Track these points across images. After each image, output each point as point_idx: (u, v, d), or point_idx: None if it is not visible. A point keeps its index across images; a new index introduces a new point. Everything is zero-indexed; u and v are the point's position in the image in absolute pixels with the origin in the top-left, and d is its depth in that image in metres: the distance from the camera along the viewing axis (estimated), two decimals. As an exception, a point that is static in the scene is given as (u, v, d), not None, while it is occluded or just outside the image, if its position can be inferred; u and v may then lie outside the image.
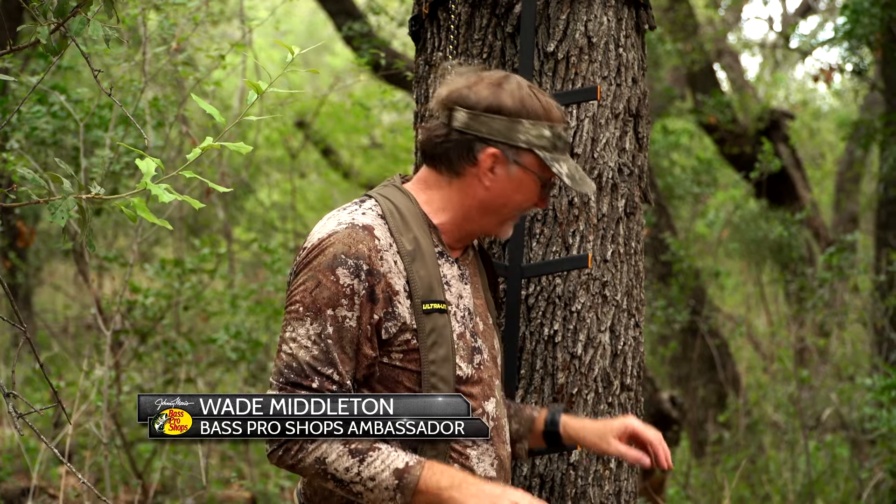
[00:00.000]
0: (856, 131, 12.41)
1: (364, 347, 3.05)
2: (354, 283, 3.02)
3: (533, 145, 3.14)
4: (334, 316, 3.02)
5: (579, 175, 3.21)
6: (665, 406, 10.09)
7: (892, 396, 7.88)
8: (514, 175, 3.15)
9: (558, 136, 3.16)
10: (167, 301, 8.29)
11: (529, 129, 3.14)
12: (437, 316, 3.09)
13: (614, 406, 3.91)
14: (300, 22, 24.32)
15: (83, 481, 3.09)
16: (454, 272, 3.21)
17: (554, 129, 3.16)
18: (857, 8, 9.79)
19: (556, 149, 3.16)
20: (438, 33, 4.01)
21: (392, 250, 3.08)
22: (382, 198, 3.17)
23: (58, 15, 2.64)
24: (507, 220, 3.22)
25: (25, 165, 6.86)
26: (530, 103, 3.15)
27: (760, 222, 13.16)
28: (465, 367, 3.14)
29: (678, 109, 14.70)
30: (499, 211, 3.20)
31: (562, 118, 3.19)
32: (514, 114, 3.14)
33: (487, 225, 3.22)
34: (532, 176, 3.16)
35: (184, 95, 8.10)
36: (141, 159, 2.54)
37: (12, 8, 9.15)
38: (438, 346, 3.08)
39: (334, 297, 3.02)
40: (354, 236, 3.05)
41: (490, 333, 3.29)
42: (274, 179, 16.78)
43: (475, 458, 3.15)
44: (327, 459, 3.01)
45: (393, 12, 11.46)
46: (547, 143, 3.15)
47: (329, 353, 3.03)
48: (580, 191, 3.22)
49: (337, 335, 3.03)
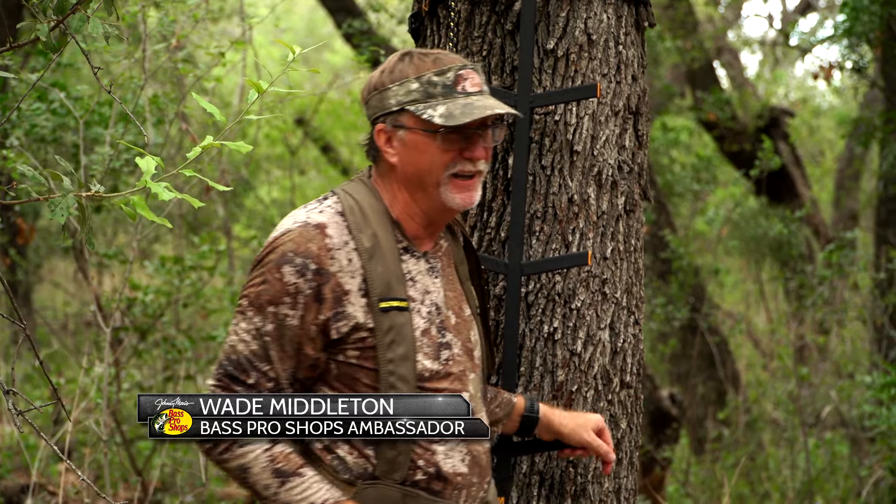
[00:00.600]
0: (855, 129, 12.42)
1: (305, 347, 3.05)
2: (300, 282, 3.03)
3: (402, 103, 3.12)
4: (276, 313, 3.03)
5: (462, 109, 3.10)
6: (665, 403, 10.09)
7: (891, 394, 7.88)
8: (406, 139, 3.14)
9: (429, 82, 3.12)
10: (167, 298, 8.29)
11: (397, 92, 3.13)
12: (395, 314, 3.07)
13: (614, 403, 3.91)
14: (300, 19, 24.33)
15: (83, 478, 3.09)
16: (421, 267, 3.20)
17: (422, 79, 3.13)
18: (857, 5, 9.79)
19: (430, 96, 3.11)
20: (438, 30, 4.01)
21: (347, 248, 3.07)
22: (345, 194, 3.17)
23: (58, 12, 2.64)
24: (438, 185, 3.13)
25: (25, 163, 6.85)
26: (398, 67, 3.16)
27: (760, 220, 13.16)
28: (430, 364, 3.12)
29: (678, 107, 14.70)
30: (421, 180, 3.15)
31: (434, 63, 3.15)
32: (382, 84, 3.16)
33: (426, 199, 3.17)
34: (419, 132, 3.12)
35: (183, 93, 8.10)
36: (141, 157, 2.54)
37: (12, 5, 9.16)
38: (397, 345, 3.06)
39: (278, 294, 3.03)
40: (305, 235, 3.06)
41: (465, 325, 3.26)
42: (274, 176, 16.79)
43: (442, 453, 3.12)
44: (250, 470, 3.03)
45: (392, 9, 11.46)
46: (417, 94, 3.12)
47: (267, 350, 3.04)
48: (463, 122, 3.08)
49: (277, 333, 3.04)
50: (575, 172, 3.83)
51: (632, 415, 3.99)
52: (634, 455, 4.02)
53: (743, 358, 13.28)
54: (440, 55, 3.18)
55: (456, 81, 3.13)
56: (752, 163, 12.38)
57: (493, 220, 3.84)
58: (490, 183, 3.85)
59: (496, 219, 3.84)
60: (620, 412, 3.93)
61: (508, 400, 3.54)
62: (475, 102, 3.11)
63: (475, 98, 3.12)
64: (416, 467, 3.09)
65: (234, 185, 11.92)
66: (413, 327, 3.10)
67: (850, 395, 10.32)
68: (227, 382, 3.06)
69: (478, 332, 3.33)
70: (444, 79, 3.13)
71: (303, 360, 3.06)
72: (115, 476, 8.27)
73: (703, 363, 11.86)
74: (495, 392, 3.54)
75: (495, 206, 3.84)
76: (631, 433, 3.99)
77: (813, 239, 13.77)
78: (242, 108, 10.05)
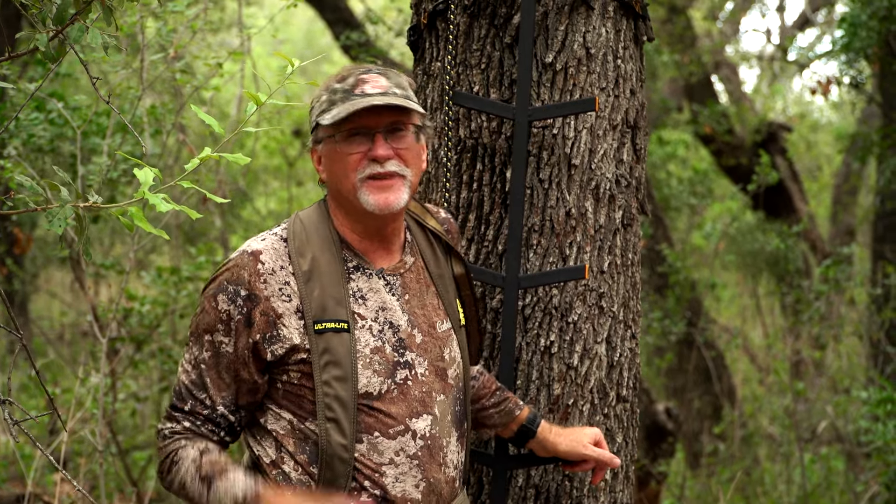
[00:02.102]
0: (853, 144, 12.45)
1: (241, 373, 3.08)
2: (231, 308, 3.06)
3: (315, 119, 3.16)
4: (212, 341, 3.08)
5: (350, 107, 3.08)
6: (661, 417, 10.08)
7: (887, 409, 7.88)
8: (325, 153, 3.17)
9: (332, 91, 3.14)
10: (163, 309, 8.28)
11: (313, 110, 3.18)
12: (331, 335, 3.06)
13: (610, 417, 3.91)
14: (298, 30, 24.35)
15: (78, 488, 3.08)
16: (374, 284, 3.17)
17: (329, 88, 3.15)
18: (855, 21, 9.80)
19: (332, 104, 3.12)
20: (437, 43, 4.01)
21: (283, 272, 3.08)
22: (297, 219, 3.20)
23: (56, 22, 2.64)
24: (355, 190, 3.11)
25: (23, 172, 6.86)
26: (318, 91, 3.19)
27: (757, 234, 13.17)
28: (378, 383, 3.09)
29: (674, 121, 14.71)
30: (341, 188, 3.15)
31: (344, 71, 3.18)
32: (310, 110, 3.21)
33: (352, 208, 3.16)
34: (328, 141, 3.15)
35: (182, 103, 8.10)
36: (138, 167, 2.54)
37: (11, 15, 9.16)
38: (333, 366, 3.05)
39: (212, 322, 3.08)
40: (240, 263, 3.10)
41: (436, 344, 3.22)
42: (271, 188, 16.78)
43: (392, 477, 3.08)
44: (186, 485, 3.08)
45: (391, 22, 11.47)
46: (324, 105, 3.14)
47: (202, 378, 3.09)
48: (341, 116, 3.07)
49: (213, 360, 3.08)
50: (573, 186, 3.83)
51: (628, 429, 3.98)
52: (630, 469, 4.02)
53: (739, 372, 13.26)
54: (354, 67, 3.19)
55: (355, 85, 3.13)
56: (750, 177, 12.39)
57: (491, 233, 3.84)
58: (488, 196, 3.85)
59: (493, 232, 3.84)
60: (616, 426, 3.93)
61: (511, 410, 3.53)
62: (363, 100, 3.09)
63: (371, 97, 3.09)
64: (360, 488, 3.06)
65: (231, 197, 11.93)
66: (359, 346, 3.09)
67: (846, 411, 10.31)
68: (170, 413, 3.13)
69: (456, 348, 3.28)
70: (343, 84, 3.14)
71: (241, 385, 3.09)
72: (110, 486, 8.25)
73: (699, 377, 11.85)
74: (502, 398, 3.53)
75: (493, 219, 3.84)
76: (627, 447, 3.99)
77: (810, 254, 13.77)
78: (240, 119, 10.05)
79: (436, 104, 4.00)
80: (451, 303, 3.31)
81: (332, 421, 3.03)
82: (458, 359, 3.27)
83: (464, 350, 3.31)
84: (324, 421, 3.03)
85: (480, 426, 3.56)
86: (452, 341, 3.26)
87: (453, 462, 3.20)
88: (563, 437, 3.55)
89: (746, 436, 10.99)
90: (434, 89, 4.01)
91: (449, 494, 3.19)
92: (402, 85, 3.18)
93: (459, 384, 3.27)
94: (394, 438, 3.08)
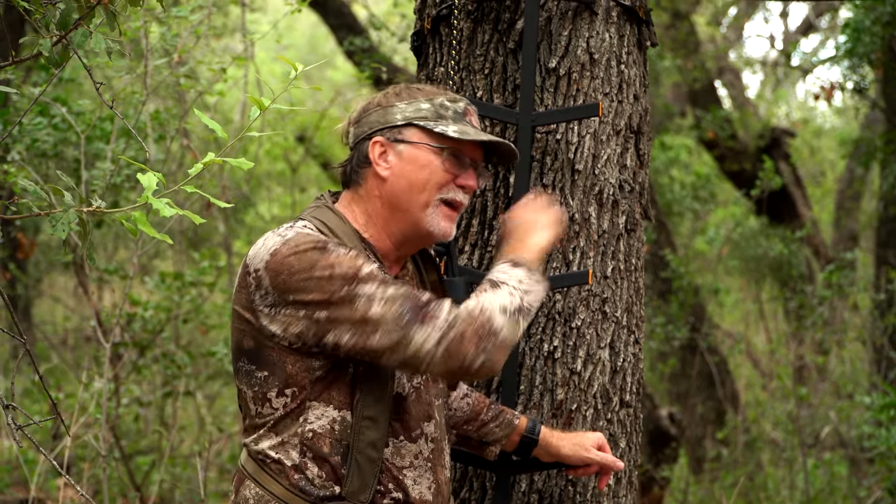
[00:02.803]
0: (856, 149, 12.45)
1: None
2: (341, 248, 2.93)
3: (410, 119, 3.10)
4: (370, 272, 2.91)
5: (475, 133, 3.09)
6: (664, 423, 10.08)
7: (890, 415, 7.88)
8: (404, 153, 3.10)
9: (441, 105, 3.12)
10: (167, 314, 8.29)
11: (405, 109, 3.12)
12: None
13: (613, 422, 3.90)
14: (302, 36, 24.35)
15: (81, 493, 3.08)
16: None
17: (434, 101, 3.12)
18: (859, 26, 9.81)
19: (441, 117, 3.10)
20: (440, 49, 4.01)
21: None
22: (314, 218, 3.08)
23: (60, 27, 2.65)
24: (426, 206, 3.08)
25: (26, 177, 6.87)
26: (405, 92, 3.16)
27: (760, 240, 13.18)
28: (406, 386, 3.08)
29: (677, 126, 14.71)
30: (410, 197, 3.08)
31: (444, 92, 3.16)
32: (387, 102, 3.15)
33: (406, 220, 3.10)
34: (424, 147, 3.09)
35: (185, 108, 8.10)
36: (142, 172, 2.54)
37: (14, 20, 9.16)
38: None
39: (348, 260, 2.91)
40: (302, 232, 2.97)
41: None
42: (274, 193, 16.80)
43: (412, 479, 3.07)
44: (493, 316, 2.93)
45: (394, 27, 11.49)
46: (428, 113, 3.11)
47: (400, 287, 2.93)
48: (480, 139, 3.08)
49: (380, 273, 2.93)
50: (576, 191, 3.83)
51: (631, 434, 3.98)
52: (633, 474, 4.02)
53: (742, 378, 13.26)
54: (448, 92, 3.18)
55: (465, 112, 3.14)
56: (753, 182, 12.40)
57: (494, 239, 3.84)
58: (491, 201, 3.85)
59: (497, 237, 3.84)
60: (620, 431, 3.93)
61: (510, 421, 3.53)
62: (485, 134, 3.13)
63: (491, 135, 3.16)
64: (385, 491, 3.04)
65: (234, 202, 11.93)
66: None
67: (849, 416, 10.31)
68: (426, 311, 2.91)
69: None
70: (455, 106, 3.13)
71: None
72: (113, 491, 8.26)
73: (702, 383, 11.85)
74: (498, 410, 3.53)
75: (496, 224, 3.84)
76: (630, 452, 3.99)
77: (813, 259, 13.77)
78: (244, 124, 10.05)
79: (439, 109, 4.00)
80: None
81: (369, 419, 3.00)
82: None
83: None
84: (360, 418, 3.00)
85: (484, 444, 3.55)
86: None
87: (449, 463, 3.23)
88: (567, 441, 3.54)
89: (749, 441, 10.99)
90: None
91: (447, 494, 3.21)
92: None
93: (444, 390, 3.28)
94: (414, 442, 3.08)
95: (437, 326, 2.87)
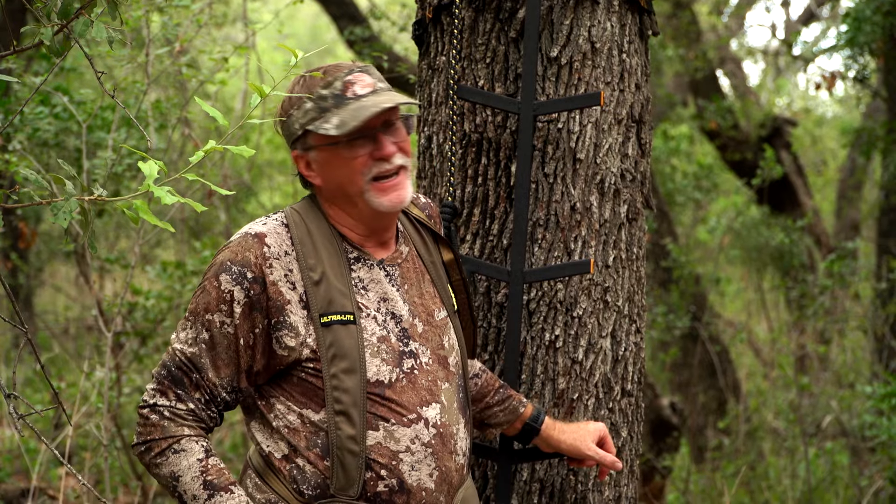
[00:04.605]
0: (858, 139, 12.43)
1: (242, 356, 3.06)
2: (235, 289, 3.03)
3: (303, 125, 3.12)
4: (212, 321, 3.04)
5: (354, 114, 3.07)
6: (665, 412, 10.08)
7: (892, 404, 7.87)
8: (318, 159, 3.15)
9: (320, 97, 3.11)
10: (168, 303, 8.28)
11: (298, 116, 3.14)
12: (337, 328, 3.06)
13: (615, 412, 3.91)
14: (303, 25, 24.34)
15: (83, 483, 3.08)
16: (375, 275, 3.17)
17: (315, 95, 3.12)
18: (860, 16, 9.79)
19: (324, 110, 3.10)
20: (442, 38, 4.01)
21: (287, 258, 3.08)
22: (293, 210, 3.18)
23: (61, 16, 2.64)
24: (362, 193, 3.12)
25: (28, 166, 6.87)
26: (294, 91, 3.16)
27: (762, 229, 13.16)
28: (388, 372, 3.09)
29: (679, 115, 14.70)
30: (345, 193, 3.14)
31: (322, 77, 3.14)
32: (285, 113, 3.18)
33: (358, 210, 3.16)
34: (325, 148, 3.13)
35: (186, 98, 8.10)
36: (143, 161, 2.54)
37: (16, 9, 9.16)
38: (340, 359, 3.04)
39: (214, 302, 3.05)
40: (244, 244, 3.07)
41: (436, 332, 3.23)
42: (276, 182, 16.78)
43: (408, 465, 3.08)
44: (181, 478, 3.02)
45: (395, 17, 11.47)
46: (313, 113, 3.11)
47: (201, 357, 3.05)
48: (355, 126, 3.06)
49: (212, 341, 3.05)
50: (577, 180, 3.83)
51: (632, 423, 3.98)
52: (635, 463, 4.02)
53: (744, 367, 13.26)
54: (329, 67, 3.17)
55: (344, 88, 3.12)
56: (754, 172, 12.38)
57: (496, 228, 3.84)
58: (493, 190, 3.85)
59: (498, 226, 3.84)
60: (621, 420, 3.93)
61: (515, 408, 3.54)
62: (366, 103, 3.09)
63: (366, 99, 3.10)
64: (377, 478, 3.05)
65: (236, 190, 11.93)
66: (365, 335, 3.09)
67: (850, 405, 10.30)
68: (167, 387, 3.07)
69: (454, 335, 3.29)
70: (332, 90, 3.12)
71: (241, 368, 3.07)
72: (115, 480, 8.26)
73: (703, 372, 11.84)
74: (505, 395, 3.54)
75: (498, 213, 3.84)
76: (631, 441, 3.99)
77: (814, 248, 13.76)
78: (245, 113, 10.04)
79: (441, 99, 4.00)
80: (444, 289, 3.32)
81: (342, 414, 3.03)
82: (456, 346, 3.28)
83: (460, 337, 3.32)
84: (332, 414, 3.03)
85: (485, 426, 3.57)
86: (450, 329, 3.27)
87: (462, 449, 3.21)
88: (567, 434, 3.55)
89: (751, 430, 10.99)
90: (439, 84, 4.01)
91: (458, 482, 3.20)
92: (381, 77, 3.21)
93: (459, 371, 3.28)
94: (409, 426, 3.08)
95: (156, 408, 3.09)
